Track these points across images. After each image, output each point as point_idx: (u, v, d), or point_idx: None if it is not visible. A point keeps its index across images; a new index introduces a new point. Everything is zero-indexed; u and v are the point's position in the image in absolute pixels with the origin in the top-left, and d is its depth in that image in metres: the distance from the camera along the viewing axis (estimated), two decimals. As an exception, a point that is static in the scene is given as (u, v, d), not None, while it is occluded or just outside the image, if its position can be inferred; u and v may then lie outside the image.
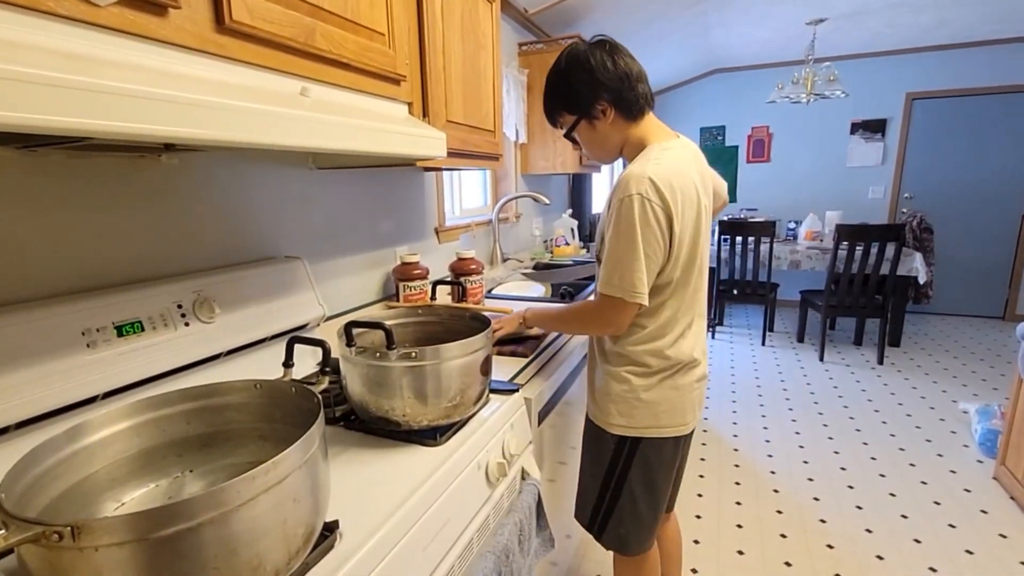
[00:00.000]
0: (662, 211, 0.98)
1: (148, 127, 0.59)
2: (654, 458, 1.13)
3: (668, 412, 1.11)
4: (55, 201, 0.83)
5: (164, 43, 0.67)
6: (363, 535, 0.65)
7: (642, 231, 0.97)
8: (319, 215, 1.39)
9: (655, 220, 0.97)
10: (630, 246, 0.98)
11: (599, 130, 1.09)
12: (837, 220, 3.83)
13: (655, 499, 1.17)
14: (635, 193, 0.96)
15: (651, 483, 1.15)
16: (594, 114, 1.06)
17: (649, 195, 0.96)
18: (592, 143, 1.12)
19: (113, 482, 0.60)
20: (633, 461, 1.13)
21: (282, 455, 0.49)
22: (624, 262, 0.99)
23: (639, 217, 0.97)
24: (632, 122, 1.09)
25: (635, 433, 1.11)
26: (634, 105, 1.07)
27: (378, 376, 0.84)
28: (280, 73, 0.83)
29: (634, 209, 0.96)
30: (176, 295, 0.94)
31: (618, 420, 1.11)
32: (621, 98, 1.05)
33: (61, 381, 0.75)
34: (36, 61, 0.50)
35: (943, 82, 4.33)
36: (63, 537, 0.40)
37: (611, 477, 1.15)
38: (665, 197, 0.97)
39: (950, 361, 3.55)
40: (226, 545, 0.46)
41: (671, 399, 1.10)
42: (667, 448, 1.14)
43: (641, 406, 1.10)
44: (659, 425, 1.11)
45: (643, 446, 1.12)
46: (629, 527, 1.17)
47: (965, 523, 1.92)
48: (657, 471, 1.15)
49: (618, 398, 1.11)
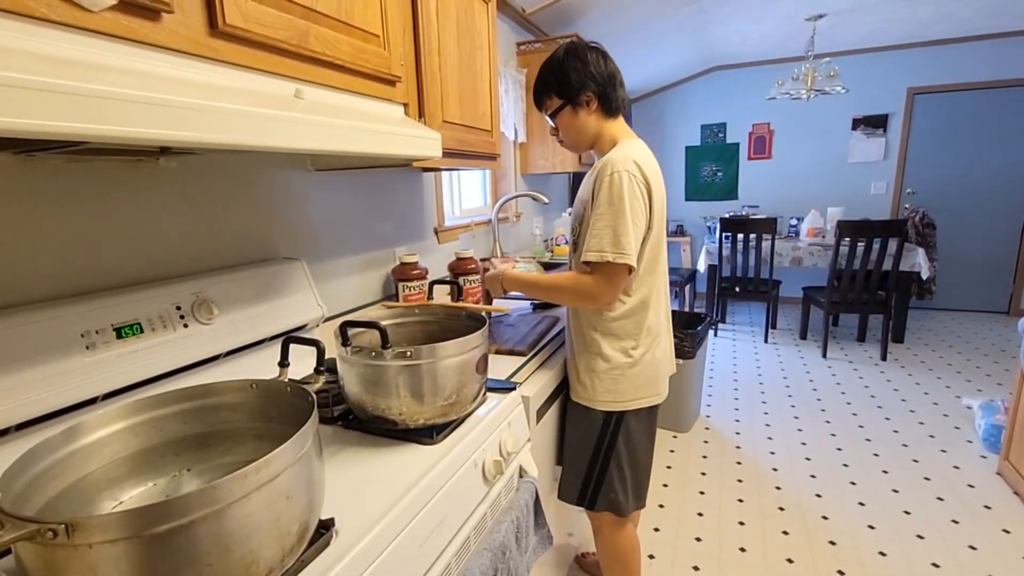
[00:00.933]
0: (644, 187, 1.11)
1: (142, 131, 0.60)
2: (635, 426, 1.26)
3: (646, 384, 1.23)
4: (54, 205, 0.84)
5: (158, 47, 0.68)
6: (358, 532, 0.65)
7: (630, 201, 1.08)
8: (318, 216, 1.39)
9: (640, 193, 1.10)
10: (619, 214, 1.08)
11: (580, 118, 1.20)
12: (839, 216, 3.82)
13: (638, 462, 1.30)
14: (622, 170, 1.09)
15: (634, 449, 1.27)
16: (579, 102, 1.18)
17: (634, 172, 1.10)
18: (571, 128, 1.22)
19: (111, 481, 0.61)
20: (620, 432, 1.25)
21: (274, 453, 0.50)
22: (615, 228, 1.08)
23: (627, 189, 1.08)
24: (609, 118, 1.21)
25: (621, 407, 1.23)
26: (614, 103, 1.20)
27: (374, 375, 0.85)
28: (274, 76, 0.84)
29: (623, 182, 1.08)
30: (175, 297, 0.95)
31: (605, 397, 1.22)
32: (605, 94, 1.18)
33: (61, 383, 0.76)
34: (30, 67, 0.51)
35: (944, 77, 4.31)
36: (57, 534, 0.40)
37: (600, 450, 1.27)
38: (647, 176, 1.12)
39: (954, 356, 3.53)
40: (219, 542, 0.46)
41: (649, 373, 1.23)
42: (644, 416, 1.27)
43: (625, 381, 1.21)
44: (639, 397, 1.23)
45: (627, 417, 1.24)
46: (619, 490, 1.28)
47: (968, 519, 1.91)
48: (638, 437, 1.27)
49: (604, 376, 1.21)
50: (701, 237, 5.04)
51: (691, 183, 5.26)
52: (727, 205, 5.09)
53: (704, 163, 5.17)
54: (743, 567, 1.72)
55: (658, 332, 1.23)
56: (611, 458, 1.26)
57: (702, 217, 5.16)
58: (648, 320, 1.20)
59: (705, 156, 5.16)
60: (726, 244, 3.96)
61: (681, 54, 4.30)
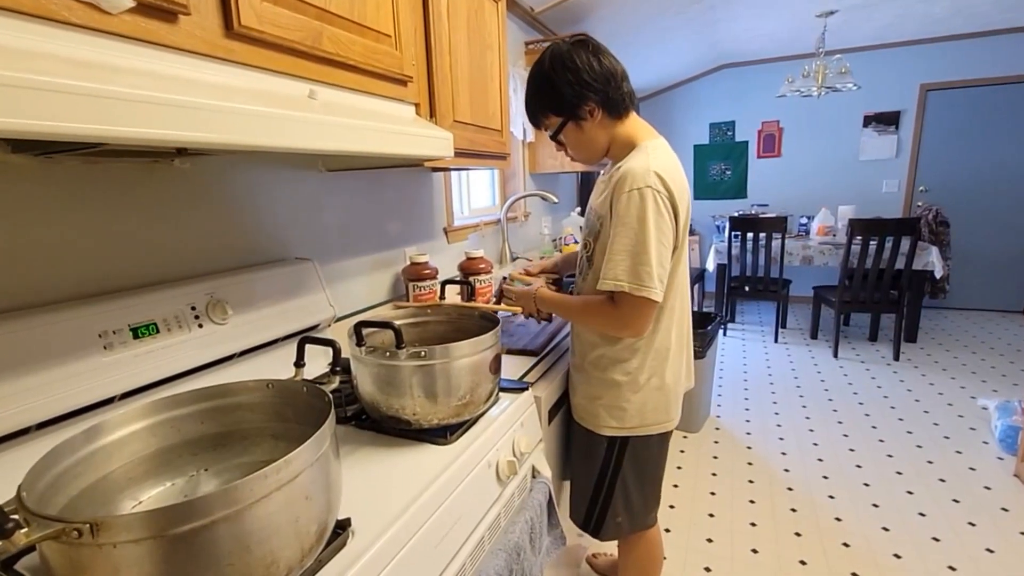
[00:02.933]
0: (669, 203, 0.99)
1: (161, 132, 0.60)
2: (643, 453, 1.18)
3: (654, 411, 1.14)
4: (72, 206, 0.85)
5: (175, 49, 0.68)
6: (375, 533, 0.65)
7: (655, 222, 0.96)
8: (329, 217, 1.40)
9: (666, 211, 0.98)
10: (641, 241, 0.96)
11: (586, 131, 1.07)
12: (850, 214, 3.78)
13: (646, 490, 1.23)
14: (644, 186, 0.96)
15: (642, 476, 1.20)
16: (581, 115, 1.05)
17: (658, 187, 0.97)
18: (579, 144, 1.11)
19: (130, 481, 0.61)
20: (624, 458, 1.17)
21: (293, 453, 0.50)
22: (634, 255, 0.97)
23: (651, 209, 0.96)
24: (618, 120, 1.08)
25: (625, 433, 1.15)
26: (620, 104, 1.06)
27: (388, 375, 0.85)
28: (288, 76, 0.84)
29: (646, 202, 0.96)
30: (190, 297, 0.96)
31: (608, 422, 1.14)
32: (608, 98, 1.04)
33: (79, 383, 0.77)
34: (51, 69, 0.52)
35: (958, 72, 4.25)
36: (82, 534, 0.41)
37: (604, 476, 1.19)
38: (671, 189, 0.99)
39: (968, 356, 3.48)
40: (240, 542, 0.47)
41: (656, 399, 1.13)
42: (654, 443, 1.18)
43: (630, 408, 1.12)
44: (646, 424, 1.14)
45: (632, 443, 1.16)
46: (624, 516, 1.22)
47: (985, 521, 1.89)
48: (647, 464, 1.20)
49: (608, 403, 1.13)
50: (710, 236, 5.01)
51: (700, 182, 5.23)
52: (736, 204, 5.05)
53: (713, 162, 5.14)
54: (755, 568, 1.71)
55: (667, 353, 1.11)
56: (616, 484, 1.18)
57: (711, 216, 5.12)
58: (656, 341, 1.09)
59: (714, 155, 5.13)
60: (735, 243, 3.93)
61: (690, 52, 4.28)
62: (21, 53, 0.51)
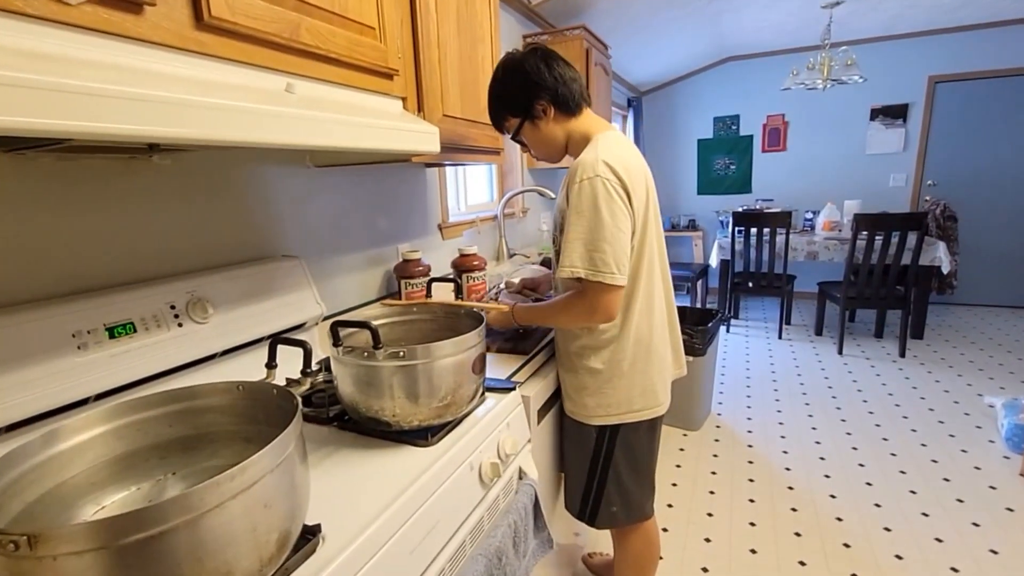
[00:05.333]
0: (621, 188, 1.02)
1: (128, 127, 0.58)
2: (634, 440, 1.20)
3: (641, 396, 1.16)
4: (45, 203, 0.83)
5: (142, 41, 0.66)
6: (346, 538, 0.63)
7: (607, 208, 0.99)
8: (318, 213, 1.38)
9: (617, 196, 1.01)
10: (593, 228, 1.00)
11: (542, 129, 1.14)
12: (856, 209, 3.72)
13: (640, 476, 1.24)
14: (594, 175, 1.00)
15: (634, 463, 1.22)
16: (535, 113, 1.12)
17: (607, 175, 1.00)
18: (538, 143, 1.17)
19: (93, 486, 0.60)
20: (615, 446, 1.19)
21: (250, 460, 0.48)
22: (587, 242, 1.00)
23: (601, 196, 0.99)
24: (572, 116, 1.14)
25: (614, 420, 1.17)
26: (571, 100, 1.12)
27: (367, 376, 0.83)
28: (265, 70, 0.82)
29: (596, 190, 1.00)
30: (169, 296, 0.94)
31: (596, 411, 1.17)
32: (558, 95, 1.10)
33: (52, 383, 0.75)
34: (9, 63, 0.50)
35: (968, 64, 4.17)
36: (19, 547, 0.39)
37: (596, 465, 1.22)
38: (621, 176, 1.02)
39: (975, 353, 3.43)
40: (192, 553, 0.45)
41: (642, 384, 1.15)
42: (644, 429, 1.20)
43: (613, 393, 1.15)
44: (634, 409, 1.17)
45: (623, 431, 1.18)
46: (618, 505, 1.24)
47: (990, 521, 1.85)
48: (638, 451, 1.22)
49: (594, 390, 1.15)
50: (713, 232, 4.96)
51: (703, 177, 5.17)
52: (740, 199, 4.99)
53: (716, 156, 5.08)
54: (754, 569, 1.68)
55: (649, 341, 1.14)
56: (608, 473, 1.21)
57: (714, 211, 5.07)
58: (635, 331, 1.12)
59: (717, 149, 5.07)
60: (739, 239, 3.88)
61: (692, 45, 4.22)
62: (-30, 46, 0.49)
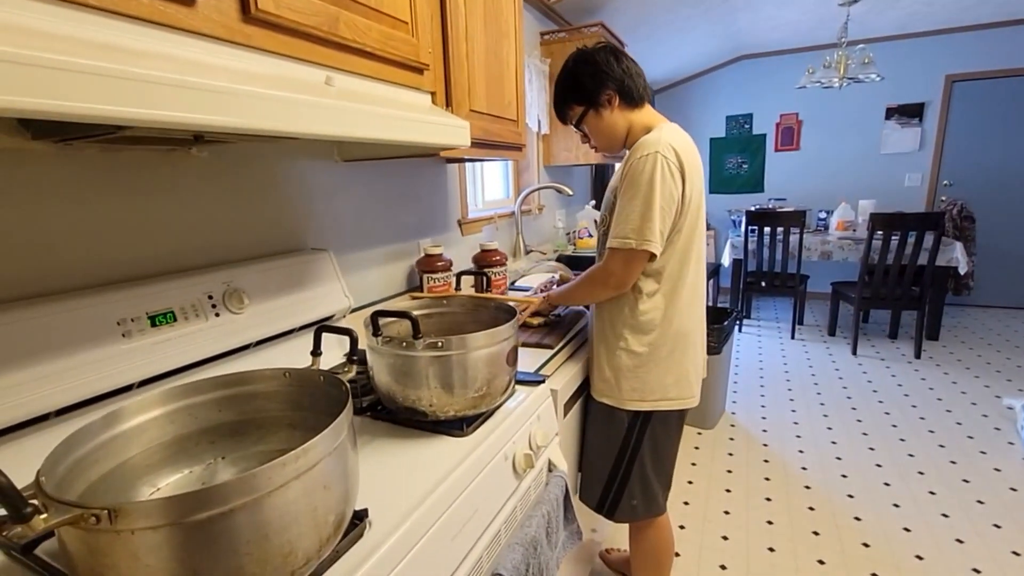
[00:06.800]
0: (677, 170, 1.06)
1: (181, 115, 0.59)
2: (661, 431, 1.21)
3: (676, 385, 1.18)
4: (90, 194, 0.85)
5: (192, 33, 0.67)
6: (392, 524, 0.64)
7: (660, 184, 1.04)
8: (344, 208, 1.39)
9: (671, 176, 1.05)
10: (647, 199, 1.04)
11: (605, 118, 1.17)
12: (871, 209, 3.69)
13: (661, 470, 1.26)
14: (652, 152, 1.05)
15: (658, 456, 1.23)
16: (600, 102, 1.16)
17: (666, 154, 1.05)
18: (600, 131, 1.20)
19: (148, 468, 0.61)
20: (644, 436, 1.20)
21: (312, 442, 0.49)
22: (637, 213, 1.05)
23: (658, 172, 1.04)
24: (635, 108, 1.18)
25: (648, 407, 1.18)
26: (635, 92, 1.17)
27: (404, 366, 0.84)
28: (305, 62, 0.83)
29: (653, 166, 1.04)
30: (207, 286, 0.95)
31: (631, 395, 1.18)
32: (624, 86, 1.15)
33: (98, 370, 0.77)
34: (72, 50, 0.51)
35: (985, 63, 4.12)
36: (100, 520, 0.40)
37: (623, 454, 1.22)
38: (681, 159, 1.06)
39: (992, 355, 3.40)
40: (258, 530, 0.46)
41: (677, 373, 1.17)
42: (673, 420, 1.22)
43: (652, 376, 1.16)
44: (668, 397, 1.18)
45: (654, 420, 1.20)
46: (639, 498, 1.25)
47: (1011, 523, 1.84)
48: (664, 442, 1.23)
49: (630, 373, 1.17)
50: (726, 231, 4.94)
51: (716, 175, 5.15)
52: (753, 198, 4.97)
53: (729, 155, 5.06)
54: (772, 567, 1.68)
55: (688, 335, 1.17)
56: (635, 463, 1.22)
57: (727, 210, 5.05)
58: (677, 319, 1.15)
59: (730, 148, 5.05)
60: (752, 238, 3.86)
61: (707, 43, 4.20)
62: (42, 35, 0.50)
